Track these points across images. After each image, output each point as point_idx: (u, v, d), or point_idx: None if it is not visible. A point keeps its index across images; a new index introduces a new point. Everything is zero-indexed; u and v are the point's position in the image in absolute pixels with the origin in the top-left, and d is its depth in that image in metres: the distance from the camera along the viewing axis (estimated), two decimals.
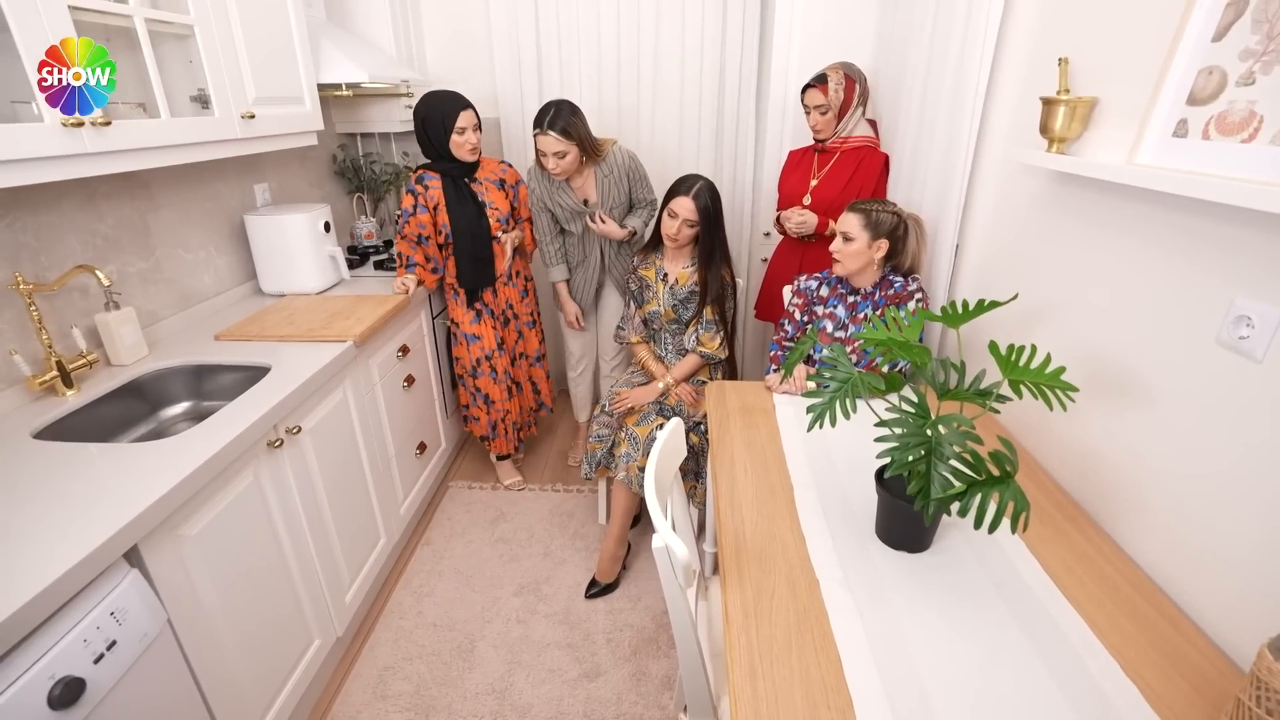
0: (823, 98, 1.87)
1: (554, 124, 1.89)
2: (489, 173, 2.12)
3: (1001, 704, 0.82)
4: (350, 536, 1.73)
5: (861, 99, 1.91)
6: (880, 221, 1.57)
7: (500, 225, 2.12)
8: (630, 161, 2.10)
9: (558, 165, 1.96)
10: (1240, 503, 0.90)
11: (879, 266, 1.62)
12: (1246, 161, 0.86)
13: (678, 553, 0.90)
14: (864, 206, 1.58)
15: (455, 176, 2.03)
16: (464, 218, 2.05)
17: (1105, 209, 1.18)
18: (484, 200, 2.08)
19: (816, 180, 2.00)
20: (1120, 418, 1.13)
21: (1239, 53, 0.88)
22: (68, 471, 1.12)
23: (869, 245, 1.58)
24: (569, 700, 1.61)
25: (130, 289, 1.65)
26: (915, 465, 0.93)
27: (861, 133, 1.96)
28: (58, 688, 0.86)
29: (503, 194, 2.14)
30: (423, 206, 2.02)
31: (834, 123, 1.92)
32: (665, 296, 1.99)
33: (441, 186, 2.02)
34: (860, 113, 1.93)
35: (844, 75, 1.87)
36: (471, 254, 2.10)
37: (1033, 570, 1.04)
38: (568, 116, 1.91)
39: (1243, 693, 0.75)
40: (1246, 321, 0.88)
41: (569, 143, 1.91)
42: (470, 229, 2.06)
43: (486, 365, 2.24)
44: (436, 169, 2.02)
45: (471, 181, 2.08)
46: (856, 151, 1.95)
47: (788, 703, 0.82)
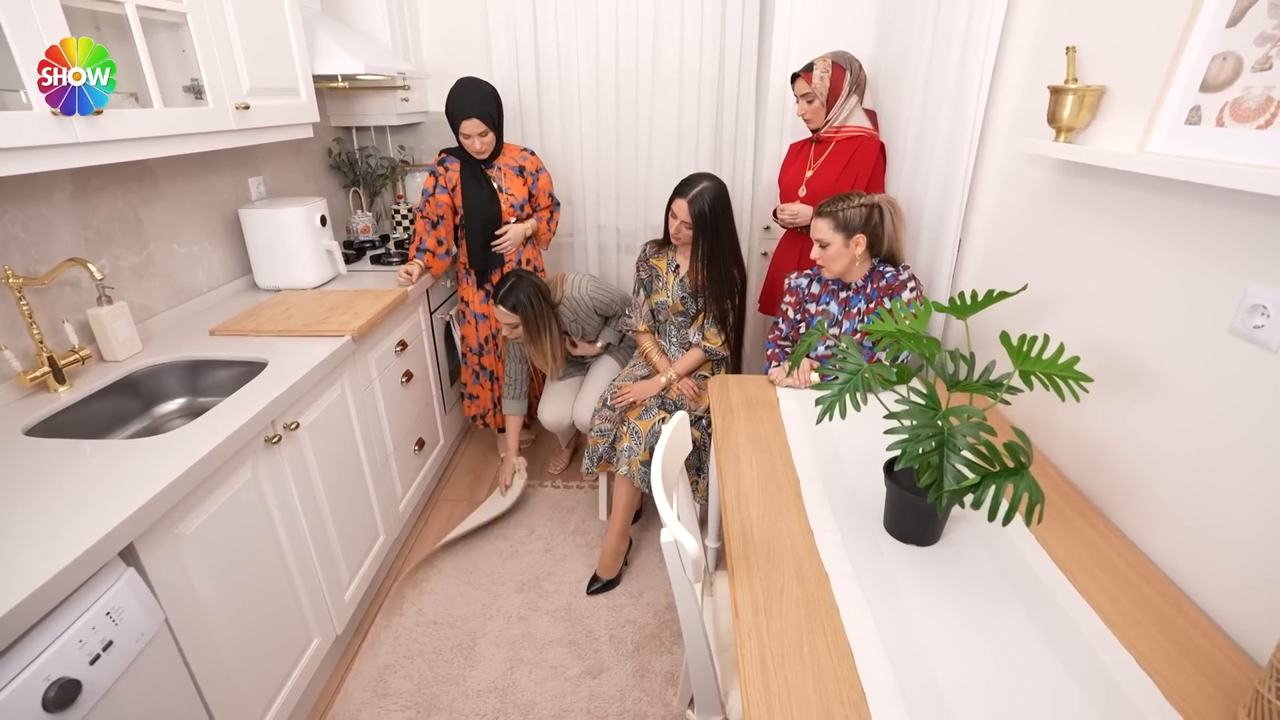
0: (807, 86, 1.86)
1: (505, 299, 1.95)
2: (509, 159, 2.17)
3: (1015, 696, 0.81)
4: (349, 534, 1.71)
5: (855, 88, 1.88)
6: (849, 220, 1.54)
7: (514, 211, 2.16)
8: (590, 291, 2.11)
9: (514, 334, 2.04)
10: (1253, 494, 0.89)
11: (864, 260, 1.61)
12: (1263, 148, 0.85)
13: (687, 547, 0.88)
14: (829, 209, 1.56)
15: (472, 163, 2.10)
16: (477, 201, 2.11)
17: (1114, 199, 1.17)
18: (500, 185, 2.14)
19: (811, 171, 1.98)
20: (1130, 410, 1.13)
21: (1255, 38, 0.87)
22: (61, 469, 1.09)
23: (845, 245, 1.56)
24: (571, 697, 1.60)
25: (123, 283, 1.62)
26: (927, 457, 0.92)
27: (857, 122, 1.93)
28: (53, 690, 0.83)
29: (521, 180, 2.17)
30: (442, 188, 2.12)
31: (823, 111, 1.90)
32: (675, 288, 1.98)
33: (460, 170, 2.11)
34: (854, 102, 1.91)
35: (831, 63, 1.85)
36: (482, 236, 2.17)
37: (1043, 563, 1.03)
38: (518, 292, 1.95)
39: (1261, 685, 0.74)
40: (1262, 310, 0.87)
41: (515, 316, 1.96)
42: (481, 213, 2.13)
43: (492, 344, 2.35)
44: (458, 155, 2.11)
45: (488, 167, 2.14)
46: (851, 141, 1.93)
47: (800, 697, 0.81)
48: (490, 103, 2.02)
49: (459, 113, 1.98)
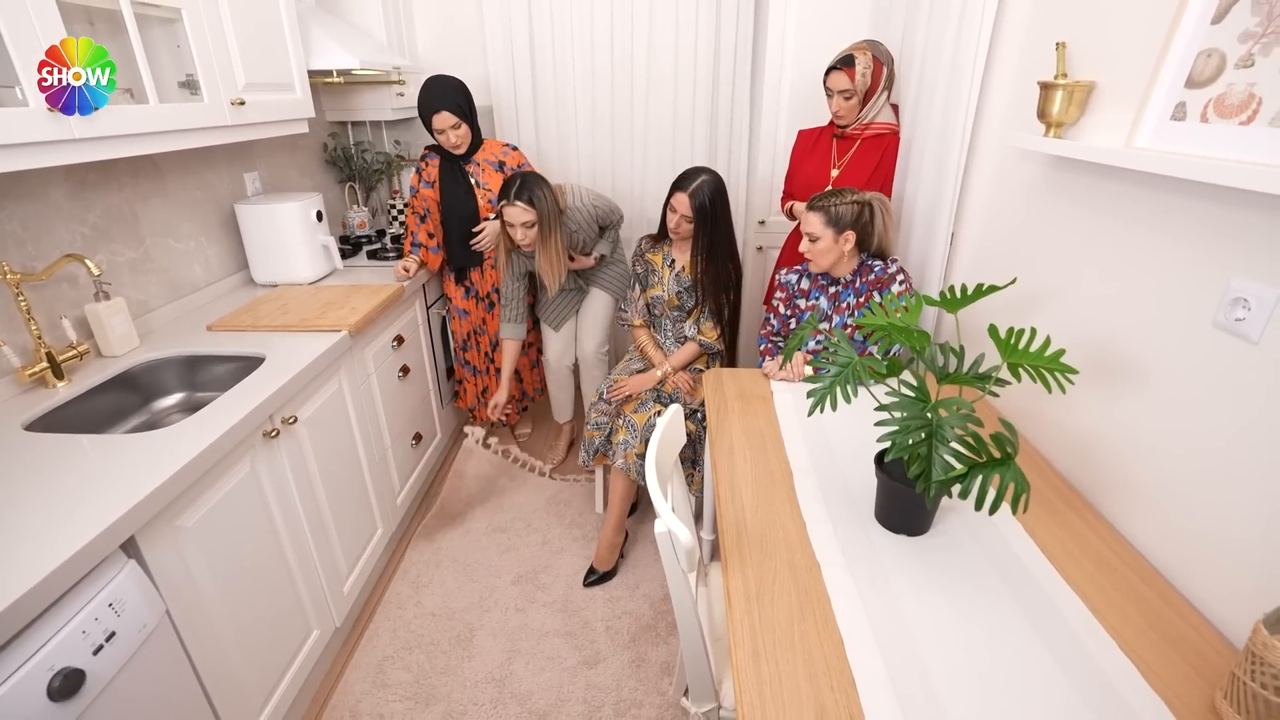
0: (848, 82, 1.73)
1: (520, 194, 1.88)
2: (489, 154, 2.17)
3: (1003, 682, 0.83)
4: (347, 527, 1.72)
5: (888, 83, 1.78)
6: (840, 215, 1.55)
7: (492, 207, 2.14)
8: (591, 200, 2.08)
9: (526, 236, 1.94)
10: (1235, 484, 0.91)
11: (852, 256, 1.62)
12: (1246, 143, 0.86)
13: (681, 537, 0.90)
14: (821, 203, 1.57)
15: (450, 158, 2.12)
16: (454, 197, 2.13)
17: (1102, 193, 1.18)
18: (477, 180, 2.14)
19: (838, 170, 1.90)
20: (1116, 402, 1.14)
21: (1238, 35, 0.88)
22: (61, 463, 1.10)
23: (835, 240, 1.57)
24: (569, 687, 1.62)
25: (120, 279, 1.63)
26: (916, 448, 0.94)
27: (885, 119, 1.84)
28: (57, 679, 0.85)
29: (500, 176, 2.15)
30: (425, 182, 2.16)
31: (858, 108, 1.79)
32: (670, 283, 1.99)
33: (439, 166, 2.14)
34: (885, 97, 1.81)
35: (872, 57, 1.73)
36: (459, 233, 2.18)
37: (1030, 552, 1.05)
38: (533, 187, 1.89)
39: (1238, 668, 0.76)
40: (1243, 303, 0.89)
41: (533, 211, 1.89)
42: (458, 209, 2.14)
43: (474, 340, 2.41)
44: (438, 151, 2.13)
45: (466, 163, 2.14)
46: (879, 139, 1.85)
47: (791, 684, 0.82)
48: (458, 95, 2.01)
49: (428, 109, 1.98)
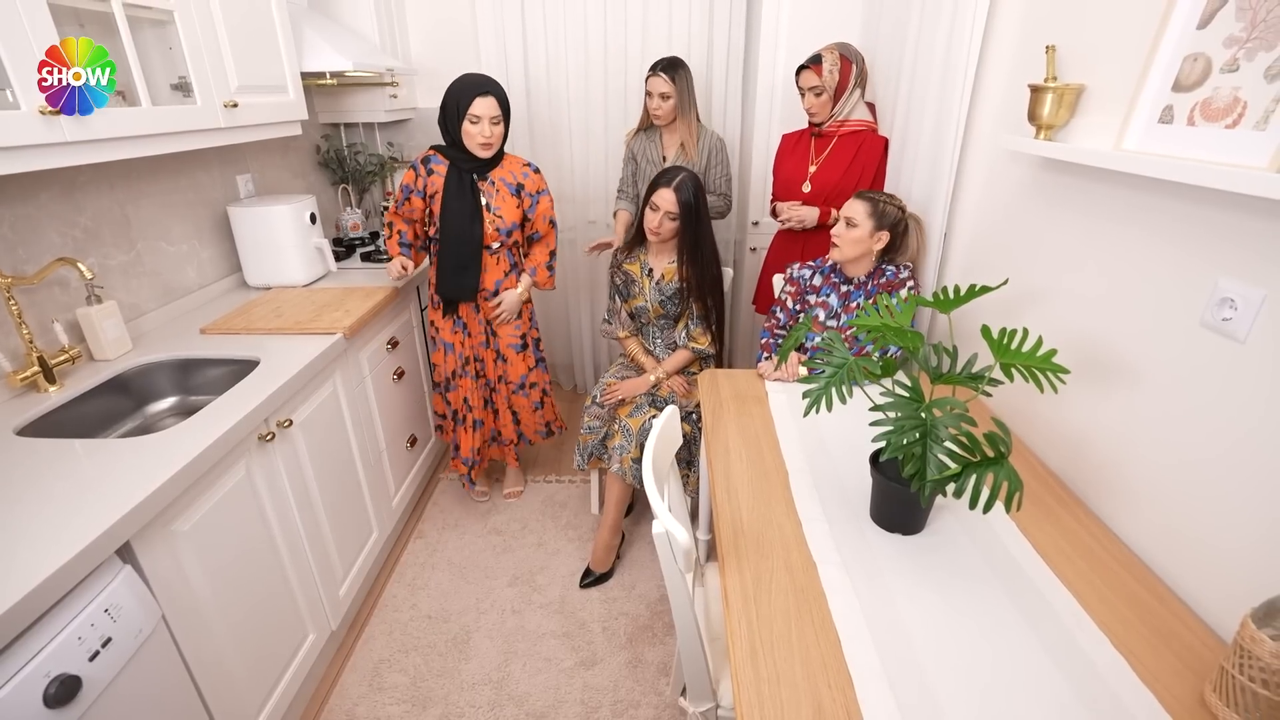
0: (817, 79, 1.84)
1: (667, 69, 2.07)
2: (506, 173, 1.88)
3: (997, 677, 0.84)
4: (343, 530, 1.72)
5: (859, 81, 1.87)
6: (886, 213, 1.58)
7: (499, 235, 1.88)
8: (717, 143, 2.20)
9: (660, 106, 2.11)
10: (1223, 480, 0.93)
11: (875, 258, 1.63)
12: (1231, 146, 0.88)
13: (678, 538, 0.90)
14: (872, 196, 1.59)
15: (463, 168, 1.82)
16: (457, 216, 1.83)
17: (1092, 195, 1.20)
18: (488, 203, 1.85)
19: (815, 166, 1.97)
20: (1106, 401, 1.16)
21: (1223, 40, 0.90)
22: (54, 468, 1.09)
23: (871, 235, 1.58)
24: (566, 688, 1.62)
25: (112, 282, 1.61)
26: (911, 448, 0.95)
27: (859, 115, 1.92)
28: (53, 686, 0.85)
29: (515, 201, 1.89)
30: (419, 191, 1.85)
31: (829, 105, 1.88)
32: (651, 293, 1.96)
33: (445, 175, 1.83)
34: (858, 95, 1.89)
35: (839, 56, 1.83)
36: (455, 260, 1.87)
37: (1024, 550, 1.06)
38: (680, 66, 2.09)
39: (1226, 661, 0.77)
40: (1230, 303, 0.90)
41: (673, 87, 2.07)
42: (459, 233, 1.84)
43: (456, 381, 2.08)
44: (448, 155, 1.83)
45: (480, 179, 1.85)
46: (855, 135, 1.92)
47: (789, 682, 0.83)
48: (504, 91, 1.81)
49: (471, 89, 1.71)
